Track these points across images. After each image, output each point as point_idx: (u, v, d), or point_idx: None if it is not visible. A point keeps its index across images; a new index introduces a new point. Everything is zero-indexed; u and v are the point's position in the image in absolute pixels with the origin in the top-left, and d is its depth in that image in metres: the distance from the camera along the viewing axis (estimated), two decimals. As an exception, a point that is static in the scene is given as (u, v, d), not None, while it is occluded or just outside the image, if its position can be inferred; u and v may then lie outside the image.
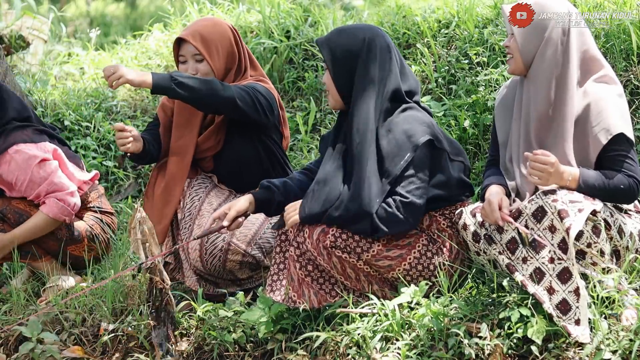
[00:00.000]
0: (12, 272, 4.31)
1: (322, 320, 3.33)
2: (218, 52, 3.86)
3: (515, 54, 3.32)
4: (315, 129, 5.57)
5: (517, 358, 3.08)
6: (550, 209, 3.05)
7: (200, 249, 3.74)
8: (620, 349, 2.92)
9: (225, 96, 3.67)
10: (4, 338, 3.81)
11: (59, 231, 4.09)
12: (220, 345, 3.44)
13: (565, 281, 3.02)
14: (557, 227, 3.04)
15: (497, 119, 3.47)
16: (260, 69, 4.06)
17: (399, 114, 3.36)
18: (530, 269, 3.10)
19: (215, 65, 3.86)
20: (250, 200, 3.50)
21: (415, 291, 3.22)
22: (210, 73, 3.86)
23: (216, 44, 3.86)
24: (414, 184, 3.29)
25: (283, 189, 3.51)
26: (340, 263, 3.34)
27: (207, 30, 3.87)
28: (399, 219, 3.25)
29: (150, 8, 13.93)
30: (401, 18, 5.85)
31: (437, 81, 5.21)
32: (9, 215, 4.05)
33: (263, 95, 3.79)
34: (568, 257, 3.02)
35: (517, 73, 3.35)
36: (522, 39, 3.28)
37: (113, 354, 3.62)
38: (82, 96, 6.35)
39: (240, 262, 3.77)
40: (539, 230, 3.09)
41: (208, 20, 3.98)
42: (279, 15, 6.29)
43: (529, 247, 3.10)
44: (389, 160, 3.29)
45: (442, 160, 3.36)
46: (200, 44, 3.83)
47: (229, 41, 3.91)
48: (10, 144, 4.02)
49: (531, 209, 3.11)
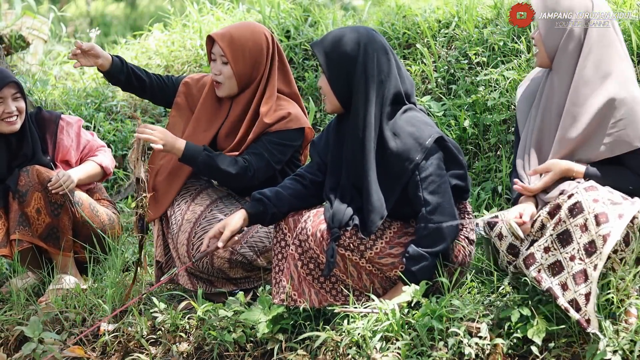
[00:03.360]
0: (13, 272, 4.32)
1: (322, 320, 3.34)
2: (244, 58, 3.80)
3: (539, 45, 3.30)
4: (315, 129, 5.57)
5: (517, 358, 3.08)
6: (589, 209, 2.97)
7: (187, 244, 3.73)
8: (620, 349, 2.92)
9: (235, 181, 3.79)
10: (4, 338, 3.82)
11: (101, 215, 4.21)
12: (220, 345, 3.44)
13: (579, 283, 2.97)
14: (590, 228, 2.96)
15: (520, 111, 3.43)
16: (294, 88, 3.97)
17: (401, 115, 3.35)
18: (551, 260, 3.04)
19: (238, 70, 3.80)
20: (244, 216, 3.46)
21: (416, 291, 3.22)
22: (231, 77, 3.81)
23: (244, 49, 3.80)
24: (434, 183, 3.29)
25: (276, 200, 3.46)
26: (342, 261, 3.34)
27: (239, 33, 3.81)
28: (441, 226, 3.26)
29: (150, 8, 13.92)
30: (401, 18, 5.85)
31: (437, 81, 5.21)
32: (81, 201, 4.14)
33: (271, 167, 3.81)
34: (591, 261, 2.96)
35: (543, 65, 3.34)
36: (545, 32, 3.26)
37: (113, 354, 3.62)
38: (82, 96, 6.35)
39: (228, 260, 3.75)
40: (570, 225, 3.02)
41: (245, 25, 3.90)
42: (279, 15, 6.29)
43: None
44: (399, 163, 3.28)
45: (452, 154, 3.37)
46: (227, 46, 3.78)
47: (259, 50, 3.82)
48: (56, 116, 4.28)
49: (569, 203, 3.03)
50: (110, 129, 5.86)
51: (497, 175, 4.65)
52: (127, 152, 5.74)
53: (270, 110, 3.82)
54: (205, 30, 6.68)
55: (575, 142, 3.21)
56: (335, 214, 3.31)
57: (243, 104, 3.86)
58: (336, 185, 3.42)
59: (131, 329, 3.62)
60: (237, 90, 3.85)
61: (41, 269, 4.22)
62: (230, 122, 3.88)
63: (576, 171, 3.19)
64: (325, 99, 3.42)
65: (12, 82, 4.11)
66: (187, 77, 4.04)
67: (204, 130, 3.89)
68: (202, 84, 4.00)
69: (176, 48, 6.74)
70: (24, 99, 4.16)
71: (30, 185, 4.02)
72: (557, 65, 3.26)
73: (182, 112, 4.00)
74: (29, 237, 4.06)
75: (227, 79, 3.82)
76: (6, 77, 4.12)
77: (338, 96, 3.36)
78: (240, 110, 3.87)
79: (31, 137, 4.18)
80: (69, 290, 3.99)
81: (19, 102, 4.13)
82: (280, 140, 3.82)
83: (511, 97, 4.78)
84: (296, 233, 3.36)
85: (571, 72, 3.23)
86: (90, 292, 3.91)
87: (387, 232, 3.34)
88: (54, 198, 4.04)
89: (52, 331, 3.72)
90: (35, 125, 4.23)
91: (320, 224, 3.32)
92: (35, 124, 4.23)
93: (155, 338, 3.60)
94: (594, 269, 2.95)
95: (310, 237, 3.33)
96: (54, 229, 4.07)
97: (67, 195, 4.07)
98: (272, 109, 3.83)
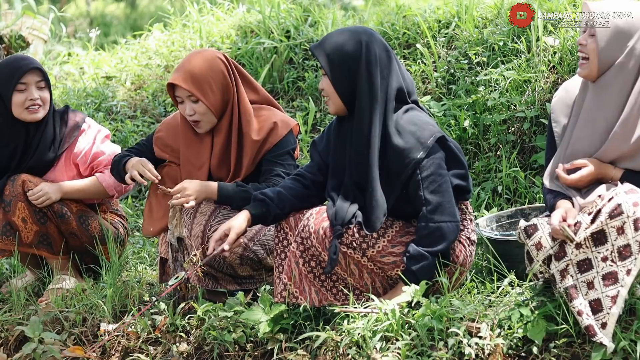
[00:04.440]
0: (13, 272, 4.32)
1: (322, 320, 3.34)
2: (212, 90, 3.78)
3: (592, 56, 3.12)
4: (315, 129, 5.57)
5: (517, 358, 3.08)
6: (628, 212, 2.92)
7: (202, 236, 3.73)
8: (620, 348, 2.92)
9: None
10: (4, 338, 3.81)
11: (93, 229, 4.12)
12: (220, 345, 3.44)
13: (607, 285, 2.94)
14: (627, 232, 2.91)
15: (556, 122, 3.28)
16: (262, 92, 3.96)
17: (403, 114, 3.35)
18: (581, 257, 2.99)
19: (211, 103, 3.78)
20: (247, 217, 3.46)
21: (416, 291, 3.22)
22: (207, 111, 3.79)
23: (209, 81, 3.77)
24: (435, 182, 3.29)
25: (278, 201, 3.46)
26: (344, 259, 3.34)
27: (198, 68, 3.77)
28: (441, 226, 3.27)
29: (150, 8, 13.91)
30: (401, 18, 5.85)
31: (437, 81, 5.21)
32: (69, 214, 4.07)
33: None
34: (624, 265, 2.92)
35: (589, 77, 3.15)
36: (605, 44, 3.09)
37: (113, 354, 3.62)
38: (82, 96, 6.35)
39: (240, 257, 3.76)
40: (606, 225, 2.95)
41: (197, 57, 3.84)
42: (279, 15, 6.29)
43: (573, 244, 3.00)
44: (400, 161, 3.29)
45: (454, 153, 3.37)
46: (192, 87, 3.75)
47: (222, 74, 3.80)
48: (82, 117, 4.20)
49: (609, 206, 2.95)
50: (110, 129, 5.86)
51: (497, 175, 4.65)
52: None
53: (255, 127, 3.82)
54: (205, 30, 6.68)
55: (620, 153, 3.13)
56: (338, 212, 3.31)
57: (224, 131, 3.84)
58: (339, 185, 3.42)
59: (131, 329, 3.63)
60: (216, 120, 3.84)
61: (41, 268, 4.21)
62: (218, 151, 3.86)
63: (613, 173, 3.13)
64: (328, 101, 3.41)
65: (36, 68, 4.03)
66: (155, 132, 3.99)
67: (197, 169, 3.87)
68: (171, 127, 3.96)
69: (176, 48, 6.74)
70: (49, 89, 4.09)
71: (14, 195, 3.99)
72: (609, 79, 3.12)
73: (173, 160, 3.98)
74: (12, 246, 4.03)
75: (203, 115, 3.80)
76: (30, 63, 4.04)
77: (342, 96, 3.36)
78: (223, 137, 3.85)
79: (49, 131, 4.10)
80: (69, 290, 3.99)
81: (43, 91, 4.06)
82: (282, 150, 3.83)
83: (511, 97, 4.78)
84: (298, 230, 3.36)
85: (627, 89, 3.11)
86: (90, 292, 3.91)
87: (389, 231, 3.35)
88: (37, 207, 4.02)
89: (52, 331, 3.72)
90: (59, 121, 4.15)
91: (323, 221, 3.32)
92: (58, 120, 4.15)
93: (155, 338, 3.60)
94: (627, 273, 2.92)
95: (312, 234, 3.32)
96: (44, 235, 4.04)
97: (50, 208, 4.05)
98: (256, 125, 3.83)
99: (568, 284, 3.00)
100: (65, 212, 4.07)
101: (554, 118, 3.29)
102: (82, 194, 4.14)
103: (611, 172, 3.13)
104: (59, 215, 4.05)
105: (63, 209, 4.06)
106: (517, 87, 4.83)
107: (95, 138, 4.17)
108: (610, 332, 2.92)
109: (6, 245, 4.03)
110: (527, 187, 4.52)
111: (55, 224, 4.06)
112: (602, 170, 3.13)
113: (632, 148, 3.11)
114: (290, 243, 3.42)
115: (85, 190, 4.13)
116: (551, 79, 4.79)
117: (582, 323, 2.95)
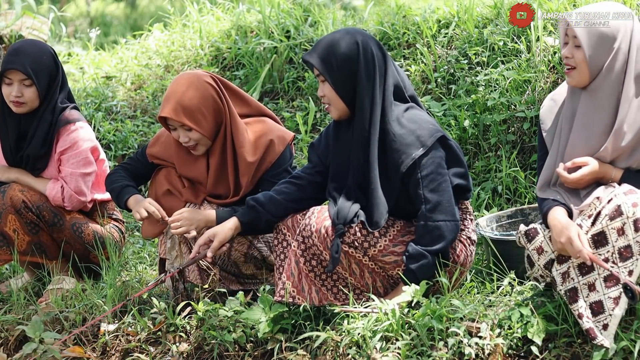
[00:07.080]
0: (12, 272, 4.32)
1: (322, 320, 3.34)
2: (205, 117, 3.72)
3: (581, 65, 3.11)
4: (315, 129, 5.57)
5: (517, 358, 3.08)
6: (628, 212, 2.92)
7: None
8: (619, 348, 2.92)
9: None
10: (4, 338, 3.81)
11: (87, 236, 4.09)
12: (220, 345, 3.44)
13: (609, 286, 2.94)
14: (627, 233, 2.91)
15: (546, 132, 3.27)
16: (254, 103, 3.91)
17: (403, 113, 3.35)
18: (582, 259, 2.96)
19: (205, 129, 3.73)
20: (235, 225, 3.47)
21: (416, 291, 3.22)
22: (202, 137, 3.75)
23: (201, 111, 3.71)
24: (435, 181, 3.29)
25: (270, 206, 3.46)
26: (345, 258, 3.34)
27: (188, 98, 3.70)
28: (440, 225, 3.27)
29: (150, 8, 13.90)
30: (401, 18, 5.85)
31: (437, 81, 5.21)
32: (44, 213, 4.04)
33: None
34: (625, 266, 2.92)
35: (580, 85, 3.15)
36: (592, 51, 3.08)
37: (113, 354, 3.62)
38: (82, 96, 6.35)
39: (245, 254, 3.76)
40: (606, 226, 2.94)
41: (186, 85, 3.74)
42: (279, 15, 6.29)
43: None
44: (399, 160, 3.29)
45: (455, 153, 3.37)
46: (185, 118, 3.69)
47: (213, 100, 3.74)
48: (74, 119, 4.09)
49: (609, 208, 2.95)
50: (110, 129, 5.86)
51: (497, 175, 4.65)
52: (127, 152, 5.74)
53: (250, 146, 3.79)
54: (205, 30, 6.68)
55: (620, 151, 3.12)
56: (340, 211, 3.31)
57: (219, 151, 3.81)
58: (340, 186, 3.42)
59: (131, 329, 3.63)
60: (211, 142, 3.81)
61: (41, 268, 4.21)
62: (214, 171, 3.82)
63: (614, 174, 3.11)
64: (329, 107, 3.39)
65: (15, 69, 3.97)
66: (148, 147, 3.95)
67: (203, 192, 3.87)
68: (165, 144, 3.92)
69: (176, 48, 6.74)
70: (37, 88, 4.00)
71: (4, 207, 3.97)
72: (599, 83, 3.11)
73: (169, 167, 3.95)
74: (9, 256, 4.03)
75: (199, 140, 3.77)
76: (14, 61, 3.98)
77: (345, 99, 3.35)
78: (218, 158, 3.82)
79: (43, 125, 4.06)
80: (69, 290, 3.99)
81: (28, 89, 4.00)
82: (280, 168, 3.80)
83: (511, 97, 4.78)
84: (299, 229, 3.36)
85: (617, 90, 3.10)
86: (90, 292, 3.91)
87: (391, 230, 3.35)
88: (28, 219, 4.00)
89: (52, 331, 3.72)
90: (52, 119, 4.08)
91: (325, 220, 3.32)
92: (54, 117, 4.08)
93: (155, 338, 3.60)
94: (629, 274, 2.91)
95: (314, 233, 3.32)
96: (37, 244, 4.03)
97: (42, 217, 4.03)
98: (251, 144, 3.80)
99: (569, 286, 3.00)
100: (57, 220, 4.04)
101: (543, 128, 3.28)
102: (35, 191, 4.07)
103: (611, 172, 3.12)
104: (51, 224, 4.03)
105: (55, 217, 4.05)
106: (517, 87, 4.83)
107: (73, 144, 4.07)
108: (612, 333, 2.92)
109: (2, 256, 4.04)
110: (527, 187, 4.52)
111: (48, 233, 4.05)
112: (603, 170, 3.13)
113: (629, 145, 3.11)
114: (290, 244, 3.42)
115: (39, 191, 4.07)
116: (551, 79, 4.79)
117: (582, 326, 2.94)
